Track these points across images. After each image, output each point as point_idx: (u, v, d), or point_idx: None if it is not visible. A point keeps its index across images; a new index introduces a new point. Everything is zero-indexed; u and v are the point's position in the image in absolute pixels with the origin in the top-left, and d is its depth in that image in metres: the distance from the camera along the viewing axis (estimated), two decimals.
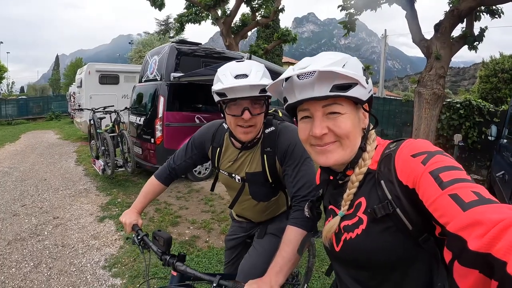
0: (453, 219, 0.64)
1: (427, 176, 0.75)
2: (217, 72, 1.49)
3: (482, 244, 0.56)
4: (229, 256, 2.21)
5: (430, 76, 7.72)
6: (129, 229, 1.71)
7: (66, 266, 3.71)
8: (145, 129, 7.14)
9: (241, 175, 1.76)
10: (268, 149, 1.66)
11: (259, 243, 1.94)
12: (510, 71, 17.57)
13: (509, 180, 3.80)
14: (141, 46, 31.56)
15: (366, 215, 0.93)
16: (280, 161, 1.65)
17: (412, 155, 0.83)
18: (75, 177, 7.63)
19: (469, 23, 8.03)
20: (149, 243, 1.60)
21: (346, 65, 0.90)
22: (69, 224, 4.90)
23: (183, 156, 1.89)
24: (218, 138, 1.80)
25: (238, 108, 1.49)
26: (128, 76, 12.59)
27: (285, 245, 1.37)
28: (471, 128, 9.48)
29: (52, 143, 12.99)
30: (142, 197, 1.86)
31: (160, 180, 1.90)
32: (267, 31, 24.60)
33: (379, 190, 0.90)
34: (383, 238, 0.89)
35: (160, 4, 13.10)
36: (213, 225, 4.93)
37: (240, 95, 1.43)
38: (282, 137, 1.64)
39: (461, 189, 0.68)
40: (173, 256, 1.51)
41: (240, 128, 1.54)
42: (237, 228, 2.17)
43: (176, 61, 6.94)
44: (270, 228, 1.97)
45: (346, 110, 0.94)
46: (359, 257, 0.96)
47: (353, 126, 0.95)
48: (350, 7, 8.95)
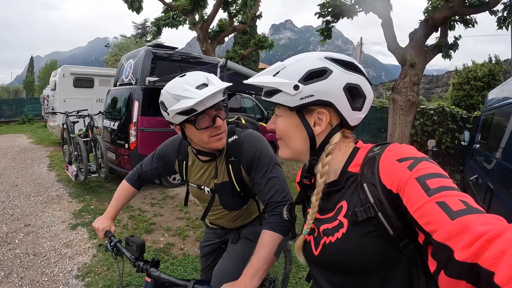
0: (441, 228, 0.63)
1: (413, 182, 0.74)
2: (168, 92, 1.42)
3: (469, 254, 0.55)
4: (204, 263, 2.19)
5: (405, 83, 7.87)
6: (102, 235, 1.67)
7: (38, 276, 3.58)
8: (119, 134, 6.98)
9: (210, 187, 1.74)
10: (233, 158, 1.63)
11: (233, 248, 1.92)
12: (482, 79, 18.13)
13: (482, 184, 3.89)
14: (118, 50, 31.11)
15: (347, 218, 0.91)
16: (246, 170, 1.63)
17: (398, 160, 0.82)
18: (48, 183, 7.41)
19: (443, 32, 8.25)
20: (122, 249, 1.57)
21: (280, 73, 0.96)
22: (41, 231, 4.75)
23: (149, 165, 1.87)
24: (183, 151, 1.77)
25: (207, 119, 1.47)
26: (103, 80, 12.38)
27: (261, 249, 1.36)
28: (444, 134, 9.74)
29: (24, 147, 12.64)
30: (115, 202, 1.83)
31: (131, 184, 1.88)
32: (244, 37, 24.79)
33: (361, 193, 0.88)
34: (363, 243, 0.87)
35: (138, 7, 12.96)
36: (188, 232, 4.87)
37: (209, 104, 1.39)
38: (246, 145, 1.62)
39: (448, 197, 0.67)
40: (146, 262, 1.48)
41: (214, 137, 1.51)
42: (211, 235, 2.15)
43: (151, 65, 6.83)
44: (243, 232, 1.95)
45: (281, 114, 1.01)
46: (338, 261, 0.94)
47: (287, 128, 1.01)
48: (327, 15, 9.05)
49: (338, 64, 0.93)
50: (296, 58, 0.98)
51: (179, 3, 13.15)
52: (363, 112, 0.97)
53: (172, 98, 1.40)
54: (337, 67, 0.93)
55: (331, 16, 9.04)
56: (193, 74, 1.45)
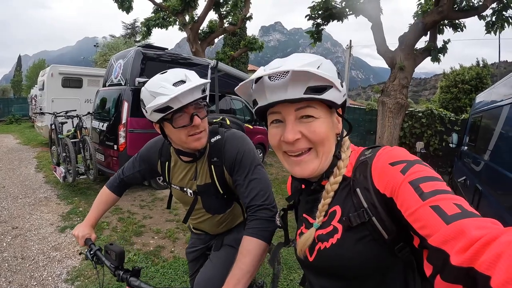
0: (436, 232, 0.62)
1: (406, 186, 0.73)
2: (147, 89, 1.40)
3: (465, 259, 0.55)
4: (192, 269, 2.14)
5: (394, 86, 7.95)
6: (82, 242, 1.64)
7: (26, 280, 3.51)
8: (108, 135, 6.90)
9: (193, 189, 1.70)
10: (215, 159, 1.59)
11: (215, 255, 1.87)
12: (470, 82, 18.41)
13: (470, 185, 3.92)
14: (107, 49, 30.86)
15: (341, 223, 0.90)
16: (228, 171, 1.58)
17: (391, 163, 0.81)
18: (35, 185, 7.30)
19: (432, 36, 8.35)
20: (102, 257, 1.54)
21: (321, 67, 0.86)
22: (29, 234, 4.66)
23: (131, 169, 1.84)
24: (165, 152, 1.74)
25: (185, 118, 1.43)
26: (92, 80, 12.24)
27: (242, 256, 1.31)
28: (432, 136, 9.86)
29: (11, 148, 12.46)
30: (95, 209, 1.80)
31: (112, 190, 1.85)
32: (234, 39, 24.76)
33: (355, 198, 0.87)
34: (358, 248, 0.86)
35: (128, 7, 12.87)
36: (178, 235, 4.83)
37: (186, 102, 1.36)
38: (228, 146, 1.57)
39: (443, 201, 0.66)
40: (127, 271, 1.45)
41: (192, 136, 1.46)
42: (196, 240, 2.10)
43: (141, 65, 6.76)
44: (226, 239, 1.90)
45: (321, 114, 0.89)
46: (333, 267, 0.93)
47: (328, 131, 0.91)
48: (317, 17, 9.09)
49: None
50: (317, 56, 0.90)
51: (170, 3, 13.13)
52: None
53: (149, 95, 1.39)
54: None
55: (322, 19, 9.09)
56: (172, 71, 1.43)
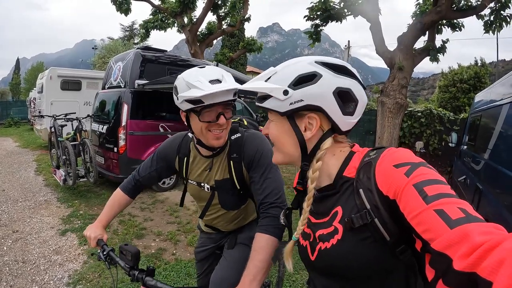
0: (439, 236, 0.62)
1: (410, 189, 0.72)
2: (183, 78, 1.44)
3: (467, 264, 0.54)
4: (200, 268, 2.16)
5: (393, 86, 7.96)
6: (94, 243, 1.64)
7: (27, 284, 3.50)
8: (108, 137, 6.91)
9: (211, 184, 1.74)
10: (235, 155, 1.64)
11: (229, 254, 1.90)
12: (468, 81, 18.43)
13: (470, 184, 3.93)
14: (105, 52, 30.91)
15: (342, 224, 0.90)
16: (246, 168, 1.64)
17: (395, 165, 0.80)
18: (35, 188, 7.28)
19: (431, 36, 8.36)
20: (115, 258, 1.54)
21: (272, 78, 0.96)
22: (30, 238, 4.65)
23: (148, 168, 1.84)
24: (184, 148, 1.77)
25: (212, 114, 1.48)
26: (90, 82, 12.22)
27: (257, 253, 1.36)
28: (432, 136, 9.86)
29: (10, 151, 12.43)
30: (107, 210, 1.79)
31: (126, 192, 1.84)
32: (232, 40, 24.82)
33: (357, 199, 0.87)
34: (359, 249, 0.86)
35: (126, 9, 12.89)
36: (180, 237, 4.82)
37: (217, 100, 1.42)
38: (248, 144, 1.63)
39: (447, 204, 0.66)
40: (141, 271, 1.47)
41: (213, 133, 1.52)
42: (206, 240, 2.12)
43: (141, 68, 6.78)
44: (240, 237, 1.93)
45: (273, 119, 1.01)
46: (334, 267, 0.93)
47: (279, 134, 1.00)
48: (316, 18, 9.10)
49: (329, 68, 0.91)
50: (288, 63, 0.98)
51: (168, 5, 13.12)
52: (355, 116, 0.94)
53: (184, 85, 1.43)
54: (327, 71, 0.91)
55: (320, 20, 9.09)
56: (211, 68, 1.49)
